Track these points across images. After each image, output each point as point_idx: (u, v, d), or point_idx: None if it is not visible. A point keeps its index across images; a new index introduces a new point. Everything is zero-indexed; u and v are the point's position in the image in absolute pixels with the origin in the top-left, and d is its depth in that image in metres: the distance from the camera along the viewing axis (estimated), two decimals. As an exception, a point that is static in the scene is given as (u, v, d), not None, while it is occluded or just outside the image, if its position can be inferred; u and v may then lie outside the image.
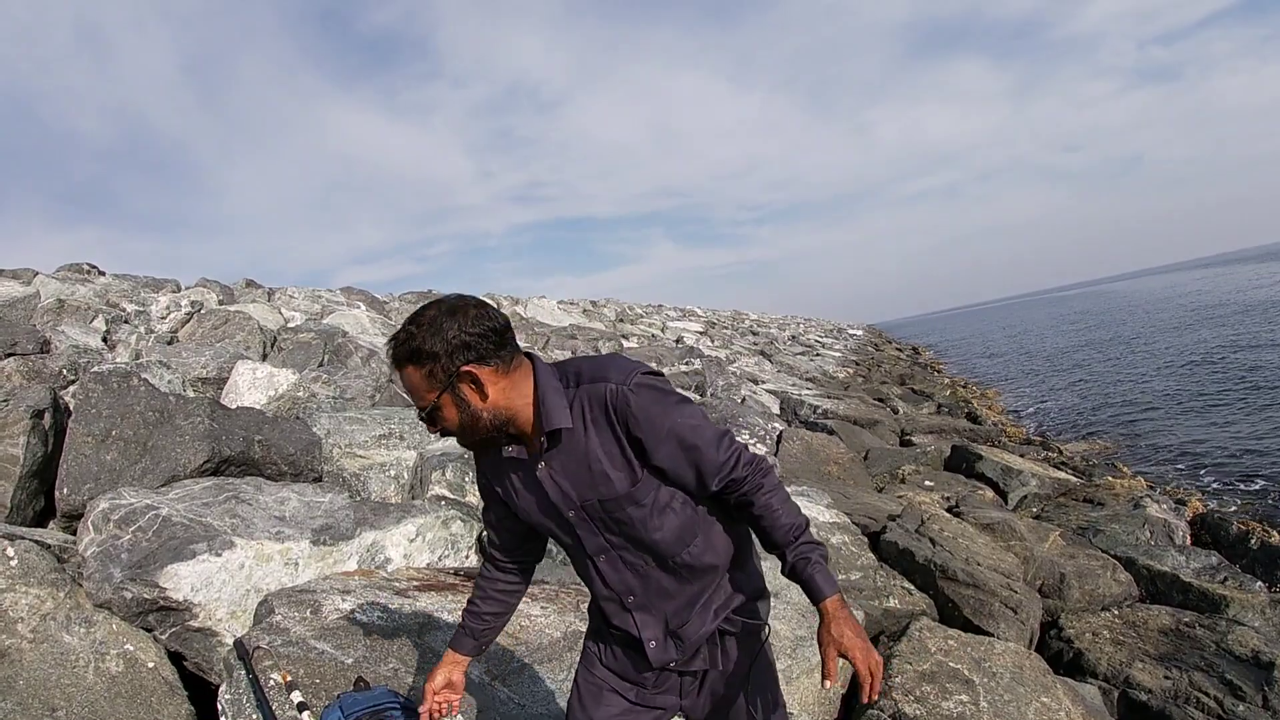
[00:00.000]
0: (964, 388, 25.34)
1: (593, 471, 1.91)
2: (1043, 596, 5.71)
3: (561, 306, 25.61)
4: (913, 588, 5.32)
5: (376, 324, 14.41)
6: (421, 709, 2.25)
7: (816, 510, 5.90)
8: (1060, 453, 12.93)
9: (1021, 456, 10.58)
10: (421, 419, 1.92)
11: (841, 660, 1.85)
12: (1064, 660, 5.00)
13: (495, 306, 1.92)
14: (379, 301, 20.44)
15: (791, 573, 1.95)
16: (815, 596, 1.91)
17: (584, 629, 3.56)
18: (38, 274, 15.71)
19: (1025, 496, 8.69)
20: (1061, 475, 9.71)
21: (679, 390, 1.97)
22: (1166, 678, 4.54)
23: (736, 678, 2.12)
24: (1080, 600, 5.67)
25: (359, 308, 16.42)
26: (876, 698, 1.86)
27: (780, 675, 3.73)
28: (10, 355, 7.98)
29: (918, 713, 3.79)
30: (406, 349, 1.84)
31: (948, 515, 6.73)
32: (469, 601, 2.32)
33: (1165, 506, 7.82)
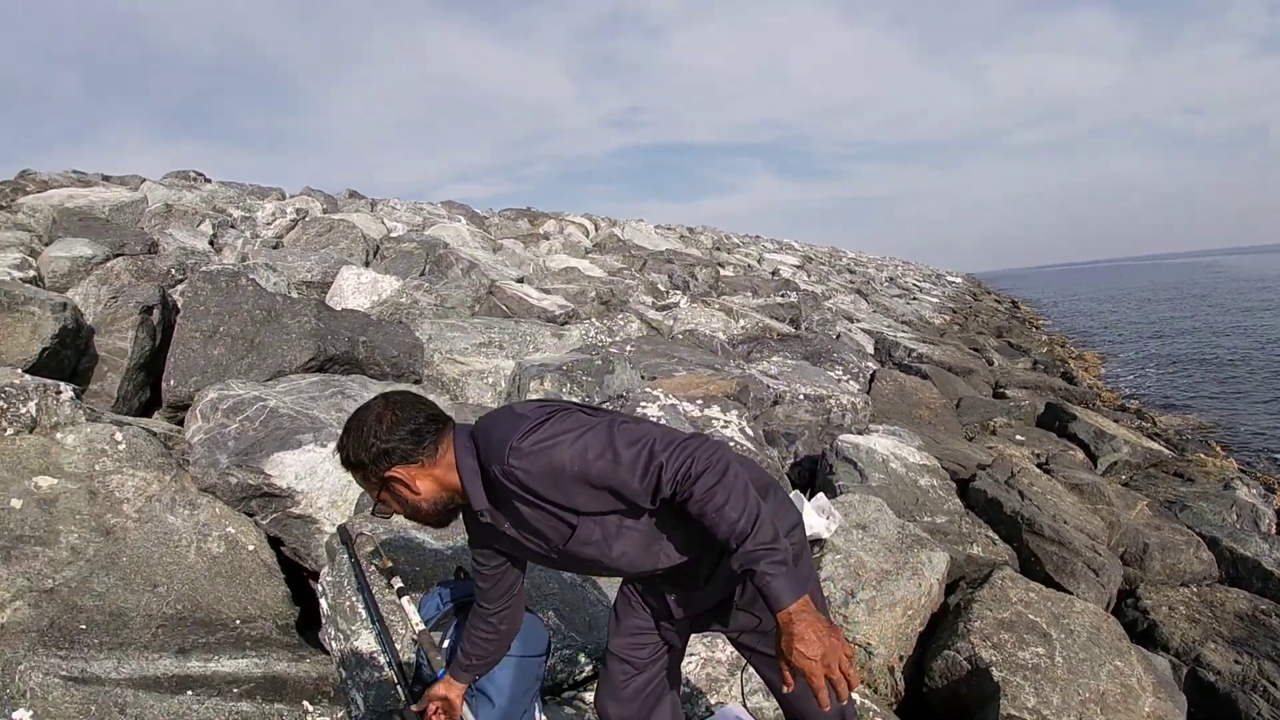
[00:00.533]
0: (1061, 347, 24.58)
1: (538, 532, 1.96)
2: (1124, 564, 5.61)
3: (659, 231, 25.51)
4: (997, 538, 5.25)
5: (477, 238, 14.55)
6: (415, 707, 2.36)
7: (907, 451, 5.83)
8: (1154, 423, 12.50)
9: (1115, 422, 10.25)
10: (374, 513, 2.08)
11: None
12: (1138, 630, 4.92)
13: (419, 397, 2.01)
14: (479, 216, 20.63)
15: (743, 578, 1.84)
16: (769, 608, 1.74)
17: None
18: (145, 180, 16.24)
19: (1116, 462, 8.45)
20: (1154, 446, 9.40)
21: (575, 412, 1.91)
22: (1236, 662, 4.46)
23: (753, 634, 2.16)
24: (1160, 573, 5.56)
25: (459, 221, 16.62)
26: (844, 700, 1.67)
27: (863, 606, 3.74)
28: (120, 255, 8.27)
29: (994, 658, 3.78)
30: (342, 457, 1.99)
31: (1037, 470, 6.59)
32: (463, 640, 2.39)
33: (1255, 491, 7.53)
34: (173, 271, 7.84)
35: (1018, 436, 8.74)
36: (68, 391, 4.12)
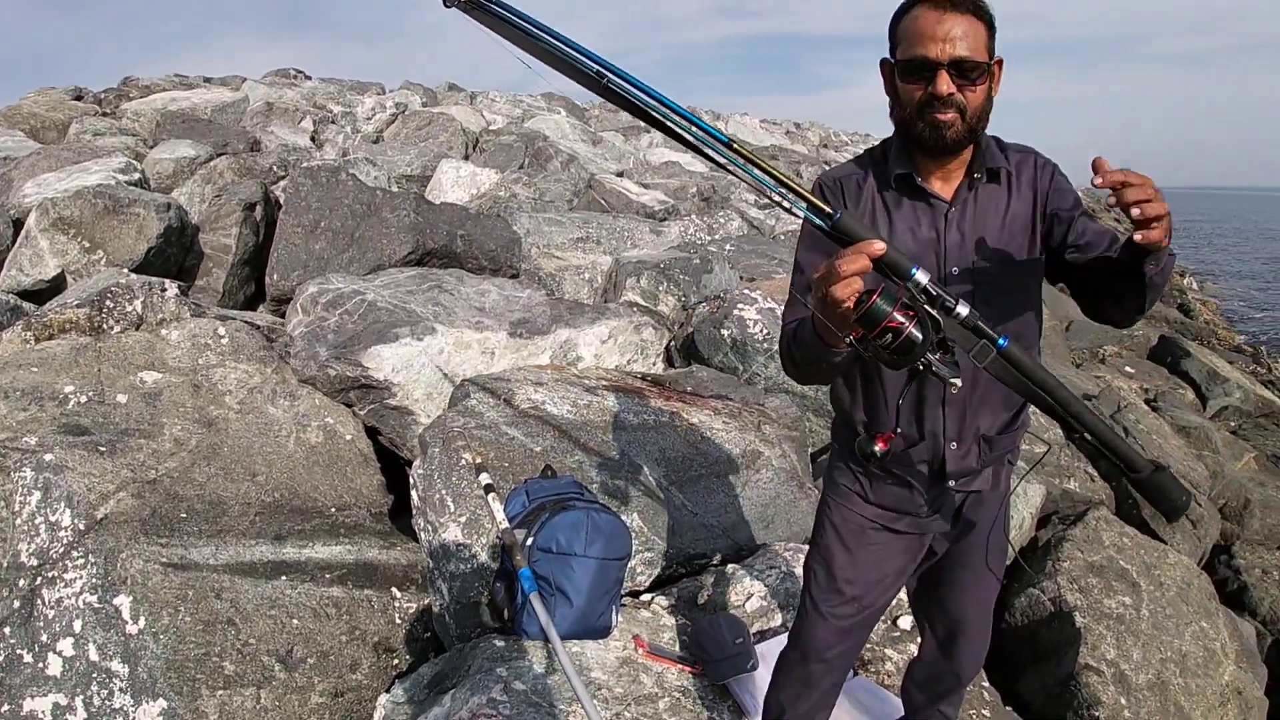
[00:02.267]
0: (1181, 277, 23.54)
1: (1003, 229, 1.77)
2: (1222, 518, 5.41)
3: (764, 126, 24.88)
4: (1095, 474, 5.06)
5: (576, 130, 14.48)
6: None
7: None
8: (1269, 369, 11.93)
9: (1229, 364, 9.77)
10: (954, 76, 1.62)
11: None
12: (1227, 589, 4.81)
13: None
14: (579, 108, 20.41)
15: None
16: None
17: (763, 450, 3.58)
18: (246, 80, 16.56)
19: (1226, 407, 8.10)
20: (1268, 395, 8.96)
21: None
22: None
23: (994, 511, 1.99)
24: (1259, 532, 5.36)
25: (559, 113, 16.50)
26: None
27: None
28: (222, 155, 8.49)
29: (1079, 602, 3.69)
30: (980, 6, 1.64)
31: (1145, 407, 6.33)
32: None
33: (1373, 460, 7.13)
34: (275, 168, 8.01)
35: (1127, 368, 8.42)
36: (172, 289, 4.24)
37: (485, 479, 2.68)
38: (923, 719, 2.40)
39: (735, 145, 1.46)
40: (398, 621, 3.19)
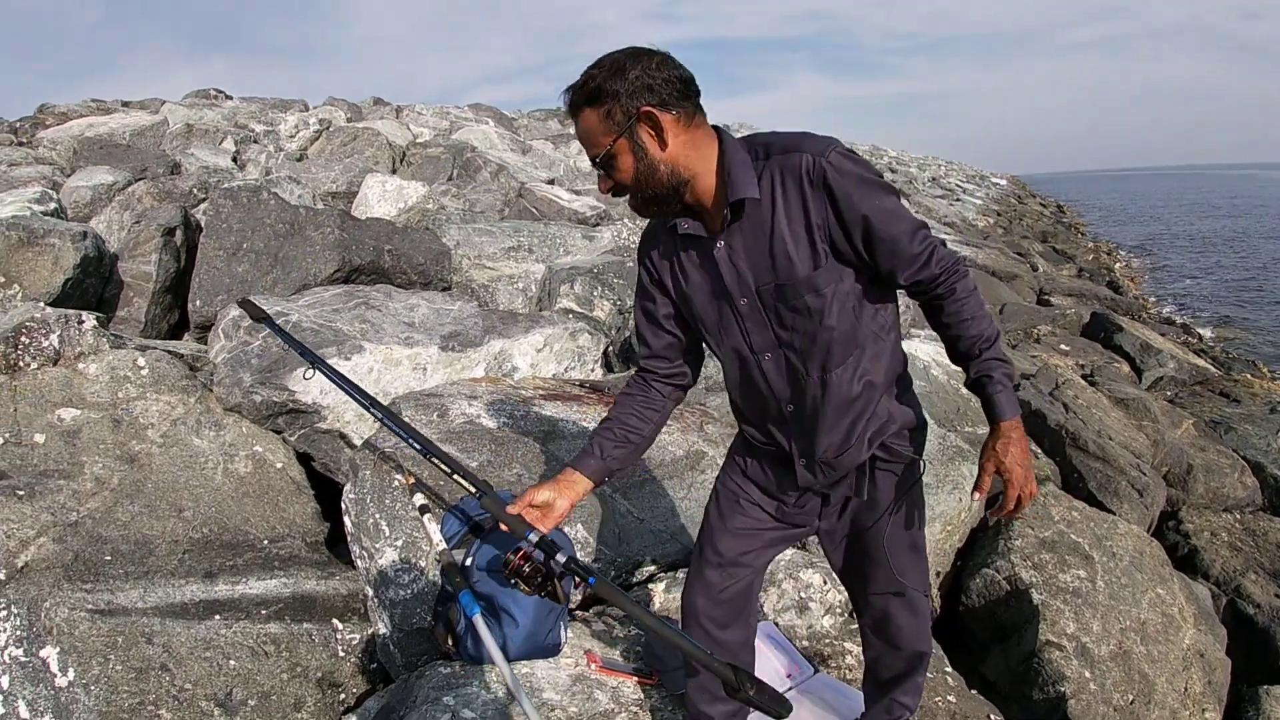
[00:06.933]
0: (1108, 254, 24.36)
1: (774, 252, 1.73)
2: (1166, 484, 5.48)
3: None
4: (1039, 451, 5.12)
5: (505, 140, 14.45)
6: (511, 508, 1.98)
7: (947, 359, 5.71)
8: (1199, 339, 12.27)
9: (1161, 336, 10.04)
10: (596, 166, 1.75)
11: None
12: (1178, 554, 4.87)
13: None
14: (507, 118, 20.33)
15: (973, 387, 1.86)
16: (992, 417, 1.82)
17: (707, 450, 3.54)
18: (165, 103, 16.19)
19: (1161, 378, 8.31)
20: (1199, 363, 9.22)
21: (878, 172, 1.76)
22: (1278, 595, 4.38)
23: (881, 510, 2.01)
24: (1203, 496, 5.46)
25: (487, 123, 16.46)
26: (1010, 518, 1.92)
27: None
28: (141, 180, 8.22)
29: (1034, 579, 3.69)
30: (584, 91, 1.69)
31: (1083, 383, 6.42)
32: (604, 418, 2.10)
33: (1301, 419, 7.32)
34: (195, 191, 7.79)
35: (1062, 346, 8.58)
36: (90, 321, 4.06)
37: (420, 500, 2.58)
38: (880, 710, 2.38)
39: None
40: (341, 654, 3.07)
